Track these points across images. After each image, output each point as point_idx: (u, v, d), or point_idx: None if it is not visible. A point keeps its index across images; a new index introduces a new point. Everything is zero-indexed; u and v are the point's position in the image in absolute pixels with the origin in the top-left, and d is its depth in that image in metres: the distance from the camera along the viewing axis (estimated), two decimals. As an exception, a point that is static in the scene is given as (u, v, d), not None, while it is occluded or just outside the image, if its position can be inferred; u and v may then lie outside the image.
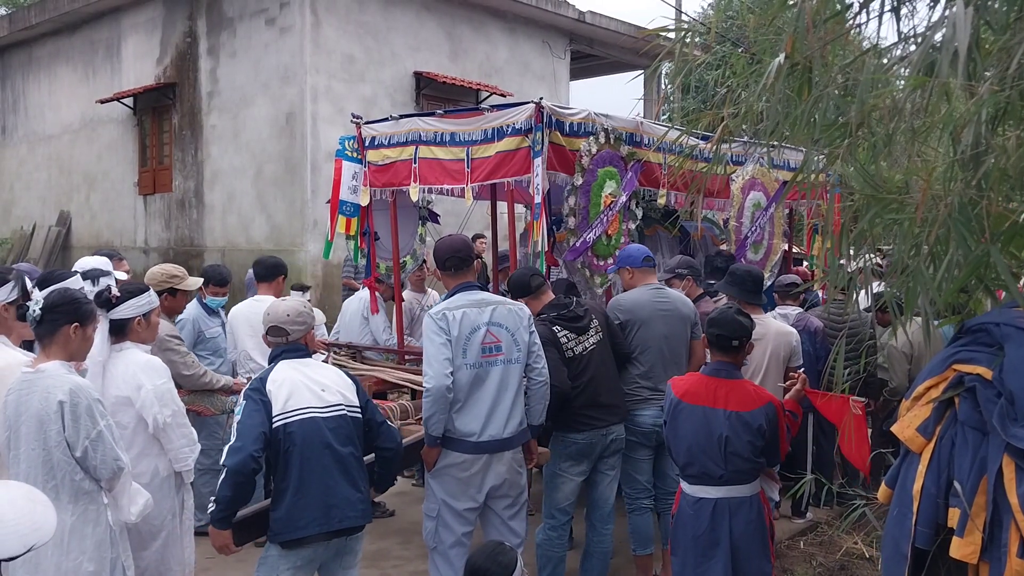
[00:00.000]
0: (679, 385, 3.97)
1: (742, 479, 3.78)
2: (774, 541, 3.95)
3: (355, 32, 12.29)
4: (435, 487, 4.17)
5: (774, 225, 7.42)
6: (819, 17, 2.69)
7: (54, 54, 16.41)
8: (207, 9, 13.11)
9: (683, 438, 3.86)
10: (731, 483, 3.77)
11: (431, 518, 4.18)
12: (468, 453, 4.07)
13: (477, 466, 4.08)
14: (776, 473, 4.07)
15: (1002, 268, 2.36)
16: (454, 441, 4.08)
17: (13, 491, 1.73)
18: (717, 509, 3.78)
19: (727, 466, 3.74)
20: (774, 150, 3.43)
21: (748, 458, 3.73)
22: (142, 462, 3.80)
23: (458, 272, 4.27)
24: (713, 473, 3.77)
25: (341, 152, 6.60)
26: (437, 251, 4.35)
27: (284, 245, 11.88)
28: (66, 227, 16.27)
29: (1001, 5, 2.53)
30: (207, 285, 5.93)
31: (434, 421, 4.03)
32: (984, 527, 2.54)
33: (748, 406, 3.75)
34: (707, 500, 3.80)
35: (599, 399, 4.62)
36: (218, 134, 13.10)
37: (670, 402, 3.97)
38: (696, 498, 3.84)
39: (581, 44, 15.82)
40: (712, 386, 3.84)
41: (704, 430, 3.78)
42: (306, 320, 3.77)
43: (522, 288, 4.77)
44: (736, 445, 3.72)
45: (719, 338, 3.88)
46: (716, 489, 3.79)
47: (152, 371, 3.84)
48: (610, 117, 5.65)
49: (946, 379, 2.78)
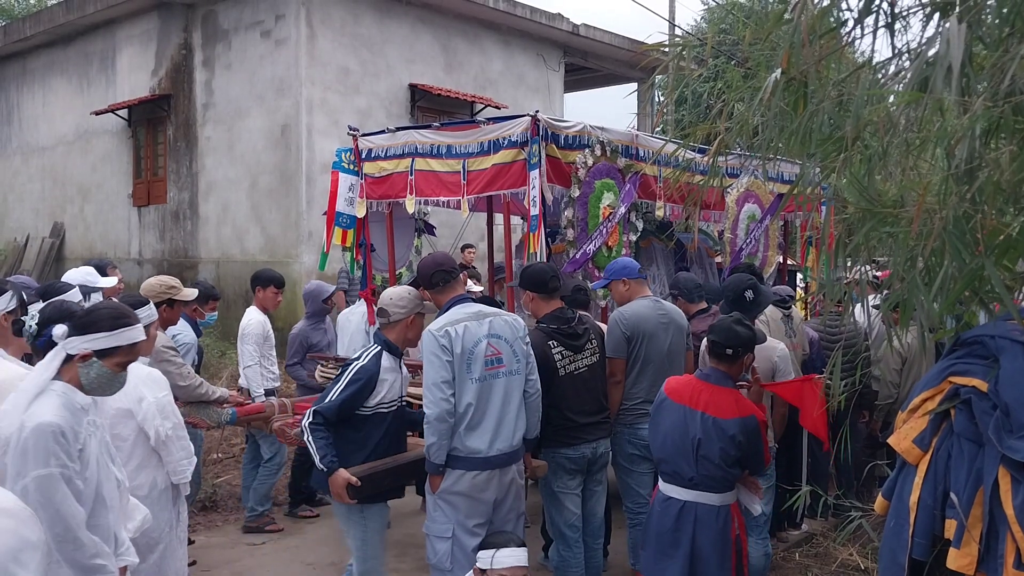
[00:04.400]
0: (670, 384, 4.07)
1: (713, 486, 3.82)
2: (741, 555, 3.94)
3: (350, 44, 12.33)
4: (445, 508, 4.08)
5: (769, 237, 7.46)
6: (814, 32, 2.71)
7: (49, 66, 16.41)
8: (202, 21, 13.14)
9: (661, 433, 3.95)
10: (701, 487, 3.82)
11: (444, 539, 4.07)
12: (477, 470, 4.02)
13: (485, 481, 4.05)
14: (760, 484, 4.07)
15: (996, 281, 2.37)
16: (461, 459, 4.03)
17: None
18: (684, 511, 3.84)
19: (698, 469, 3.80)
20: (769, 163, 3.45)
21: (719, 464, 3.78)
22: (141, 474, 3.80)
23: (446, 286, 4.25)
24: (684, 473, 3.83)
25: (338, 164, 6.62)
26: (421, 270, 4.34)
27: (279, 257, 11.87)
28: (60, 238, 16.24)
29: (994, 21, 2.56)
30: (207, 301, 5.90)
31: (436, 448, 3.99)
32: (980, 538, 2.55)
33: (726, 414, 3.80)
34: (675, 500, 3.87)
35: (585, 416, 4.63)
36: (213, 146, 13.11)
37: (658, 398, 4.06)
38: (666, 496, 3.92)
39: (575, 57, 15.89)
40: (698, 389, 3.91)
41: (680, 429, 3.85)
42: (407, 304, 4.19)
43: (536, 284, 4.66)
44: (707, 449, 3.77)
45: (713, 345, 3.95)
46: (685, 491, 3.85)
47: (154, 383, 3.85)
48: (605, 130, 5.69)
49: (942, 391, 2.80)
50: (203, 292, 5.88)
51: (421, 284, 4.39)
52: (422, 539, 4.32)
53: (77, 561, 2.85)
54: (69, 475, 2.87)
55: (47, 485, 2.80)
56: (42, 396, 2.93)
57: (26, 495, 2.76)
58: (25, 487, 2.78)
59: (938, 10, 2.56)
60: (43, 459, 2.81)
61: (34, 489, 2.79)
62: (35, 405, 2.90)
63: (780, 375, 5.20)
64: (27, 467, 2.80)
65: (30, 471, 2.80)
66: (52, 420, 2.85)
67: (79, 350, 2.99)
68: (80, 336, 3.00)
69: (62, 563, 2.83)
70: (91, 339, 3.00)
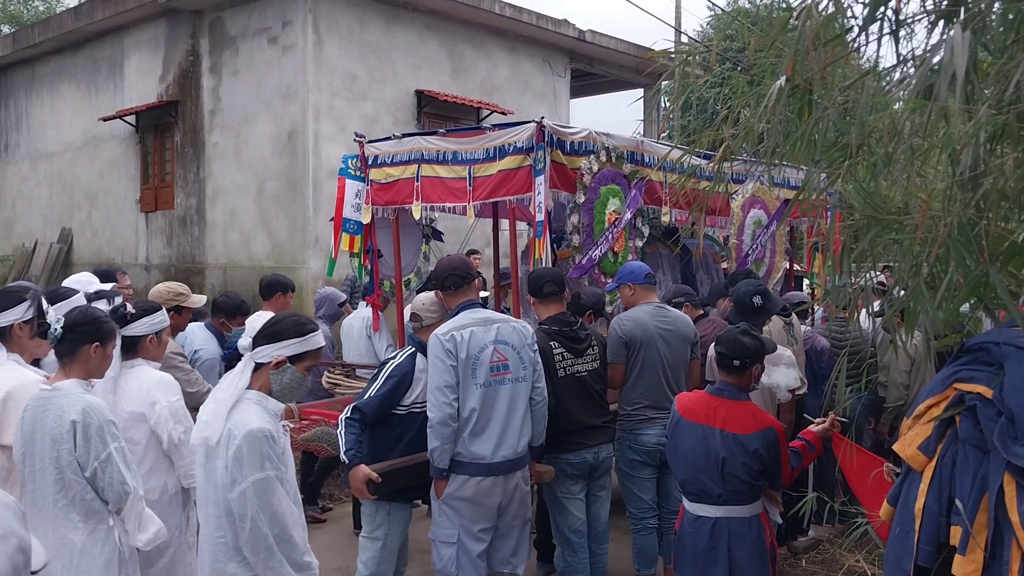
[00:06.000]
0: (682, 401, 3.97)
1: (741, 499, 3.77)
2: (776, 563, 3.93)
3: (357, 51, 12.36)
4: (450, 514, 4.10)
5: (776, 243, 7.45)
6: (819, 39, 2.72)
7: (57, 72, 16.48)
8: (210, 28, 13.19)
9: (682, 455, 3.86)
10: (730, 503, 3.76)
11: (449, 544, 4.10)
12: (481, 475, 4.03)
13: (490, 487, 4.05)
14: (779, 495, 4.05)
15: (1001, 288, 2.38)
16: (465, 465, 4.04)
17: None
18: (716, 528, 3.77)
19: (725, 486, 3.73)
20: (775, 168, 3.46)
21: (745, 480, 3.72)
22: (152, 478, 3.83)
23: (458, 291, 4.27)
24: (711, 492, 3.77)
25: (344, 170, 6.65)
26: (437, 271, 4.38)
27: (285, 262, 11.90)
28: (67, 244, 16.29)
29: (998, 28, 2.56)
30: (234, 316, 5.88)
31: (439, 453, 4.01)
32: (986, 545, 2.55)
33: (746, 429, 3.73)
34: (706, 519, 3.80)
35: (585, 420, 4.63)
36: (220, 152, 13.15)
37: (672, 418, 3.98)
38: (696, 516, 3.84)
39: (581, 63, 15.90)
40: (713, 405, 3.83)
41: (702, 448, 3.77)
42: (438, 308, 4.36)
43: (533, 289, 4.76)
44: (732, 466, 3.71)
45: (721, 356, 3.88)
46: (715, 508, 3.78)
47: (167, 388, 3.90)
48: (611, 136, 5.70)
49: (947, 398, 2.79)
50: (228, 305, 5.87)
51: (436, 284, 4.42)
52: (427, 544, 4.34)
53: (293, 560, 3.04)
54: (281, 477, 3.05)
55: (264, 488, 2.97)
56: (240, 405, 3.10)
57: (244, 499, 2.95)
58: (243, 492, 2.96)
59: (943, 17, 2.56)
60: (258, 463, 2.97)
61: (252, 493, 2.95)
62: (237, 413, 3.07)
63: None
64: (243, 473, 2.96)
65: (247, 476, 2.96)
66: (262, 426, 3.03)
67: (271, 358, 3.19)
68: (271, 345, 3.19)
69: (284, 562, 3.01)
70: (283, 346, 3.20)
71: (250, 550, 2.99)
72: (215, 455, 3.06)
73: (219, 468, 3.04)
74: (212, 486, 3.09)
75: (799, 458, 3.92)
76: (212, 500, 3.11)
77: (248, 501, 2.95)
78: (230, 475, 3.00)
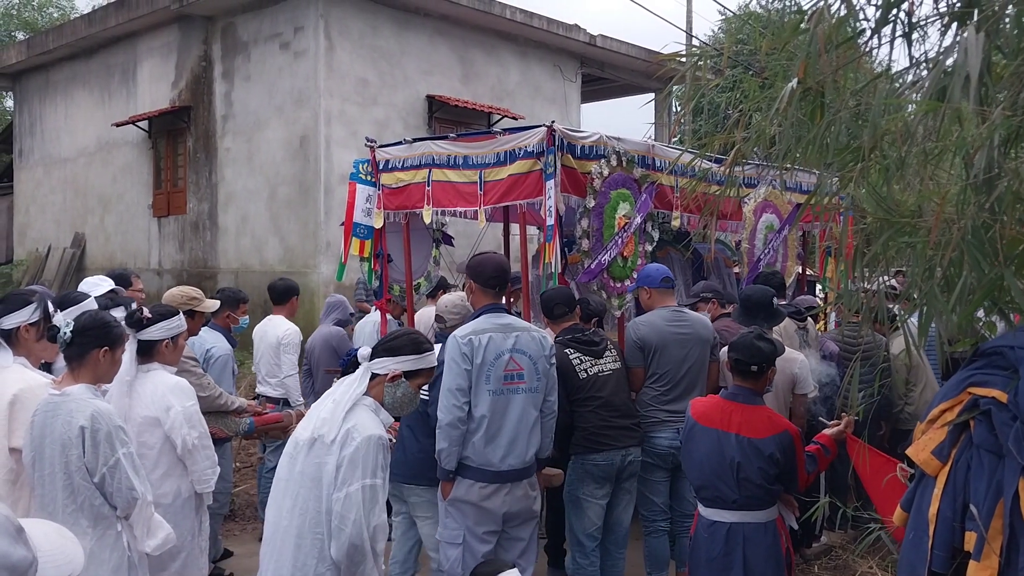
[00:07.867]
0: (697, 407, 3.96)
1: (757, 504, 3.75)
2: (792, 569, 3.90)
3: (368, 56, 12.40)
4: (456, 515, 4.11)
5: (788, 248, 7.42)
6: (831, 42, 2.71)
7: (71, 78, 16.60)
8: (222, 33, 13.26)
9: (697, 460, 3.85)
10: (745, 508, 3.74)
11: (455, 545, 4.10)
12: (487, 482, 4.03)
13: (494, 494, 4.05)
14: (794, 499, 4.03)
15: (1016, 291, 2.36)
16: (472, 470, 4.04)
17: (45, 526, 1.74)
18: (731, 533, 3.75)
19: (740, 491, 3.72)
20: (787, 172, 3.44)
21: (761, 484, 3.70)
22: (166, 483, 3.84)
23: (497, 292, 4.26)
24: (727, 497, 3.75)
25: (355, 175, 6.65)
26: (484, 265, 4.26)
27: (297, 267, 11.94)
28: (81, 249, 16.39)
29: (1012, 30, 2.55)
30: (236, 306, 5.89)
31: (447, 454, 4.01)
32: (1001, 551, 2.52)
33: (761, 433, 3.72)
34: (721, 524, 3.78)
35: (615, 420, 4.62)
36: (232, 157, 13.21)
37: (687, 423, 3.96)
38: (711, 521, 3.82)
39: (592, 67, 15.91)
40: (728, 410, 3.82)
41: (717, 454, 3.76)
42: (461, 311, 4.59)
43: (545, 311, 4.82)
44: (748, 471, 3.69)
45: (737, 362, 3.86)
46: (730, 513, 3.77)
47: (181, 393, 3.90)
48: (622, 140, 5.69)
49: (961, 402, 2.77)
50: (231, 298, 5.90)
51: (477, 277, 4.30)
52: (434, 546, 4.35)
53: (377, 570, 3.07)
54: (385, 487, 3.06)
55: (372, 495, 2.97)
56: (357, 408, 3.12)
57: (350, 502, 2.93)
58: (349, 495, 2.93)
59: (956, 20, 2.55)
60: (372, 469, 2.98)
61: (360, 498, 2.94)
62: (355, 417, 3.07)
63: (800, 386, 5.18)
64: (355, 475, 2.95)
65: (359, 479, 2.94)
66: (380, 433, 3.06)
67: (388, 370, 3.21)
68: (391, 358, 3.22)
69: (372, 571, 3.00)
70: (400, 361, 3.22)
71: (343, 553, 2.94)
72: (327, 452, 3.02)
73: (328, 466, 2.99)
74: (306, 481, 3.03)
75: (815, 462, 3.90)
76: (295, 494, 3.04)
77: (354, 504, 2.93)
78: (341, 475, 2.97)
